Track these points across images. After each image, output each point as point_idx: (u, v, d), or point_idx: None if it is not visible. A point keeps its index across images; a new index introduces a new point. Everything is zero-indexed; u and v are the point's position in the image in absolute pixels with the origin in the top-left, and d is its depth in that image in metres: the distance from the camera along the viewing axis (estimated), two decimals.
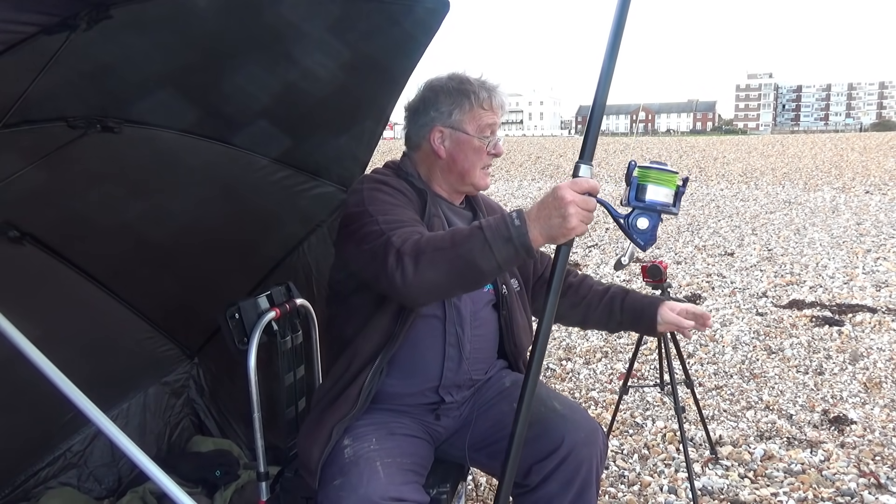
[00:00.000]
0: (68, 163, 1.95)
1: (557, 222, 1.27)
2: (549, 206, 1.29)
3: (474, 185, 1.71)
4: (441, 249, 1.35)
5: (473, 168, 1.67)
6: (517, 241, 1.30)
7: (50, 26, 1.27)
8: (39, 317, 1.72)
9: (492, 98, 1.66)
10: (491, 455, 1.66)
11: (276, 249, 2.58)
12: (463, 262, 1.33)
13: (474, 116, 1.65)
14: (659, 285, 2.63)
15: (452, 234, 1.38)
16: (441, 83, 1.68)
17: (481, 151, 1.66)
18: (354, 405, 1.55)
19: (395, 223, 1.46)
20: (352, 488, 1.40)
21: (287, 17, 1.62)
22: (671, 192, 1.37)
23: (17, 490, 2.34)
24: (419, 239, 1.38)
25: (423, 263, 1.35)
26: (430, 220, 1.62)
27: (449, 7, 1.63)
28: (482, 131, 1.66)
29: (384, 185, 1.60)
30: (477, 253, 1.32)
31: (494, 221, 1.33)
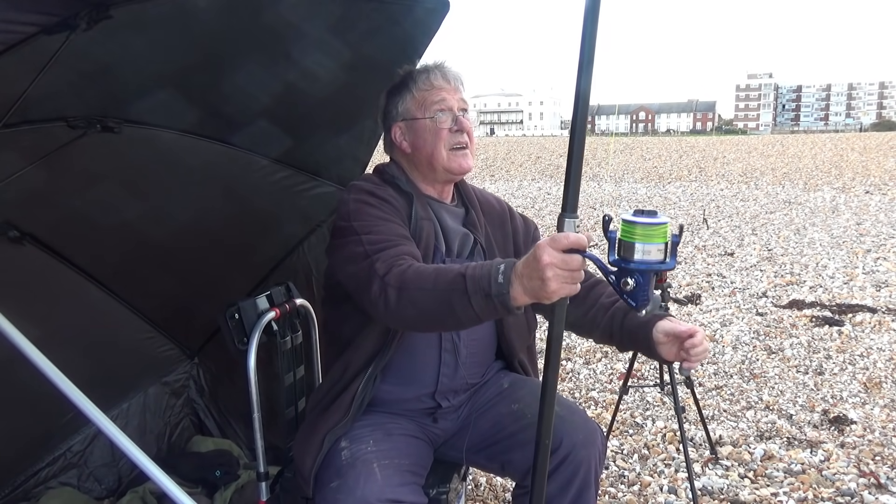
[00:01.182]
0: (68, 163, 1.95)
1: (537, 284, 1.16)
2: (531, 266, 1.17)
3: (448, 170, 1.63)
4: (423, 290, 1.32)
5: (437, 150, 1.62)
6: (497, 300, 1.22)
7: (50, 26, 1.27)
8: (39, 317, 1.72)
9: (429, 76, 1.63)
10: (490, 456, 1.66)
11: (275, 249, 2.58)
12: (442, 307, 1.29)
13: (417, 100, 1.63)
14: (659, 285, 2.63)
15: (436, 275, 1.32)
16: (388, 88, 1.69)
17: (438, 130, 1.61)
18: (347, 413, 1.55)
19: (379, 244, 1.44)
20: (348, 491, 1.39)
21: (287, 17, 1.62)
22: (662, 246, 1.17)
23: (17, 490, 2.34)
24: (404, 270, 1.36)
25: (404, 299, 1.34)
26: (419, 223, 1.59)
27: (449, 7, 1.63)
28: (431, 110, 1.62)
29: (370, 195, 1.57)
30: (456, 302, 1.27)
31: (479, 272, 1.26)
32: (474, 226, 1.71)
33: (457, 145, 1.63)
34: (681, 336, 1.44)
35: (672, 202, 12.88)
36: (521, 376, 1.78)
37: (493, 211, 1.81)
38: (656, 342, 1.48)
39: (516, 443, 1.61)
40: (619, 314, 1.58)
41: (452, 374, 1.66)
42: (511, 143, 43.82)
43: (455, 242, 1.67)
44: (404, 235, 1.52)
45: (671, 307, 2.81)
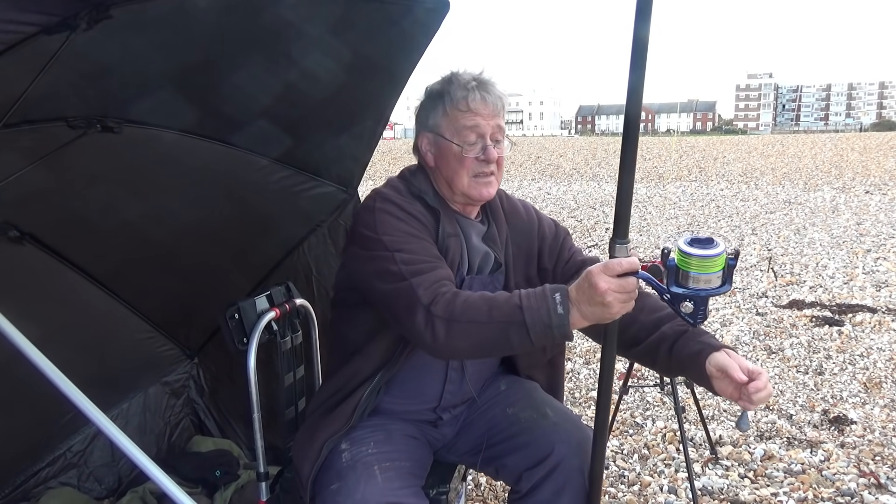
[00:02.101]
0: (68, 163, 1.95)
1: (599, 310, 1.23)
2: (586, 293, 1.23)
3: (467, 196, 1.56)
4: (476, 322, 1.31)
5: (458, 176, 1.53)
6: (557, 331, 1.26)
7: (50, 26, 1.27)
8: (39, 317, 1.72)
9: (469, 97, 1.50)
10: (485, 460, 1.66)
11: (275, 249, 2.58)
12: (497, 338, 1.30)
13: (450, 120, 1.52)
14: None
15: (489, 306, 1.31)
16: (430, 85, 1.59)
17: (463, 158, 1.52)
18: (348, 421, 1.53)
19: (414, 265, 1.40)
20: (348, 493, 1.39)
21: (287, 17, 1.62)
22: (718, 274, 1.22)
23: (17, 490, 2.34)
24: (451, 300, 1.33)
25: (455, 331, 1.32)
26: (446, 241, 1.54)
27: (449, 7, 1.63)
28: (461, 135, 1.51)
29: (399, 208, 1.50)
30: (514, 334, 1.28)
31: (536, 302, 1.27)
32: (494, 241, 1.65)
33: (481, 174, 1.54)
34: (736, 380, 1.33)
35: (672, 202, 12.88)
36: (518, 379, 1.77)
37: (520, 221, 1.73)
38: (710, 376, 1.38)
39: (510, 447, 1.60)
40: (670, 339, 1.48)
41: (456, 391, 1.66)
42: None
43: (477, 260, 1.62)
44: (438, 256, 1.48)
45: None
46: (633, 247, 8.00)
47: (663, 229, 9.49)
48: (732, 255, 1.24)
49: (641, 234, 9.05)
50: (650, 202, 12.86)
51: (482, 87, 1.52)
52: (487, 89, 1.53)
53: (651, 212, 11.44)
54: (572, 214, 11.35)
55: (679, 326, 1.49)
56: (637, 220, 10.40)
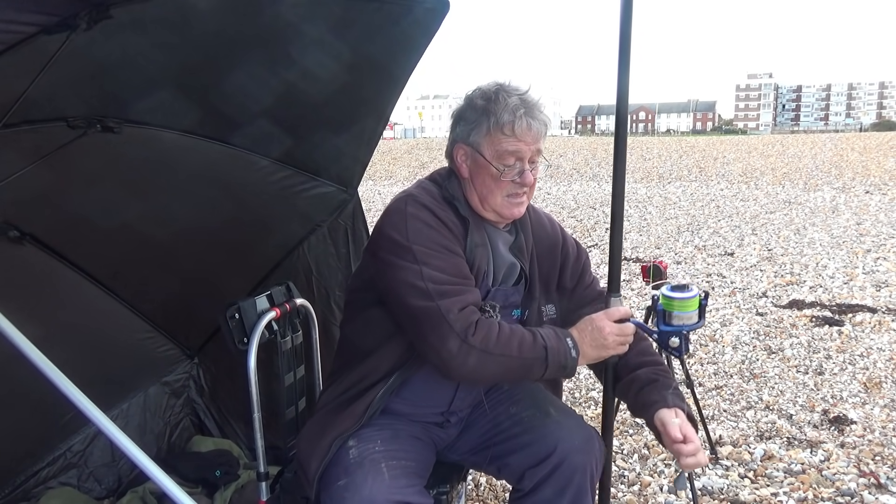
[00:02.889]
0: (68, 163, 1.95)
1: (598, 351, 1.52)
2: (590, 335, 1.50)
3: (497, 213, 1.57)
4: (507, 356, 1.44)
5: (492, 195, 1.54)
6: (569, 370, 1.50)
7: (50, 26, 1.27)
8: (39, 317, 1.72)
9: (515, 123, 1.49)
10: (488, 458, 1.66)
11: (275, 249, 2.58)
12: (521, 371, 1.48)
13: (492, 141, 1.51)
14: (659, 285, 2.62)
15: (520, 343, 1.45)
16: (473, 95, 1.56)
17: (500, 180, 1.52)
18: (359, 420, 1.53)
19: (442, 284, 1.42)
20: (355, 489, 1.39)
21: (287, 17, 1.62)
22: (694, 312, 1.55)
23: (17, 490, 2.34)
24: (488, 333, 1.43)
25: (486, 362, 1.43)
26: (474, 251, 1.54)
27: (449, 7, 1.63)
28: (501, 158, 1.51)
29: (432, 215, 1.49)
30: (536, 368, 1.47)
31: (558, 345, 1.47)
32: (521, 251, 1.65)
33: (514, 195, 1.55)
34: (671, 437, 1.49)
35: (672, 202, 12.88)
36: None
37: (545, 235, 1.73)
38: (656, 427, 1.55)
39: (513, 446, 1.61)
40: (640, 383, 1.61)
41: (467, 396, 1.67)
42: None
43: (502, 270, 1.62)
44: (465, 276, 1.49)
45: None
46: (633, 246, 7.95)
47: (663, 229, 9.49)
48: (704, 296, 1.57)
49: (641, 234, 9.05)
50: (650, 202, 12.86)
51: (529, 114, 1.51)
52: (534, 115, 1.51)
53: (651, 212, 11.44)
54: (572, 214, 11.35)
55: (652, 374, 1.61)
56: (637, 220, 10.40)
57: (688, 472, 1.60)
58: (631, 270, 6.78)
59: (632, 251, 7.85)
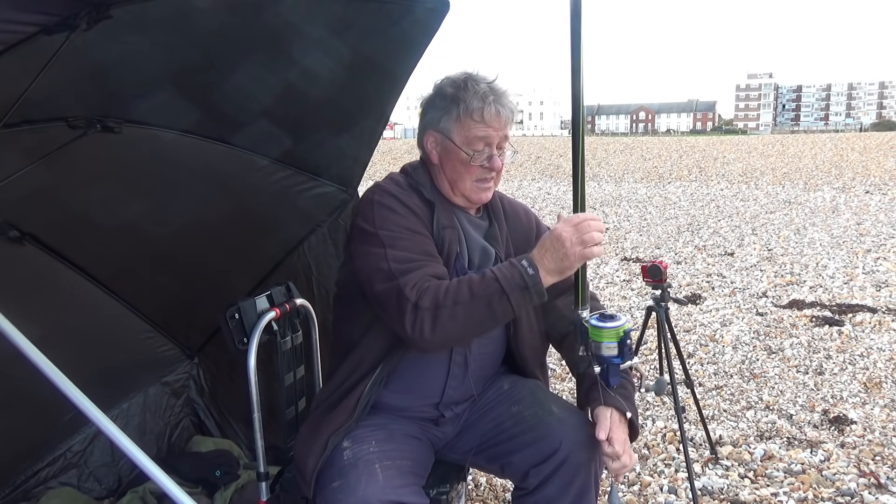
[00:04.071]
0: (68, 163, 1.95)
1: (560, 260, 1.39)
2: (548, 245, 1.40)
3: (467, 198, 1.63)
4: (460, 303, 1.38)
5: (462, 180, 1.60)
6: (533, 290, 1.39)
7: (50, 26, 1.27)
8: (39, 317, 1.72)
9: (484, 110, 1.54)
10: (490, 458, 1.66)
11: (275, 249, 2.58)
12: (481, 312, 1.39)
13: (462, 127, 1.56)
14: (659, 285, 2.63)
15: (469, 285, 1.40)
16: (443, 84, 1.61)
17: (470, 165, 1.57)
18: (351, 415, 1.54)
19: (405, 263, 1.44)
20: (349, 491, 1.39)
21: (287, 17, 1.62)
22: (613, 344, 1.44)
23: (17, 490, 2.34)
24: (436, 291, 1.40)
25: (442, 318, 1.39)
26: (441, 232, 1.57)
27: (449, 7, 1.63)
28: (471, 144, 1.56)
29: (397, 201, 1.53)
30: (496, 303, 1.38)
31: (509, 271, 1.39)
32: (496, 239, 1.68)
33: (482, 180, 1.61)
34: (596, 434, 1.48)
35: (672, 202, 12.88)
36: (521, 378, 1.77)
37: (519, 223, 1.78)
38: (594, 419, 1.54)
39: (516, 445, 1.60)
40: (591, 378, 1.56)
41: (458, 387, 1.66)
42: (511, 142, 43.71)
43: (476, 255, 1.64)
44: (429, 253, 1.50)
45: (671, 307, 2.80)
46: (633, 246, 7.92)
47: (663, 229, 9.49)
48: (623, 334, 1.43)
49: (641, 234, 9.05)
50: (650, 202, 12.87)
51: (498, 100, 1.56)
52: (502, 102, 1.57)
53: (651, 212, 11.44)
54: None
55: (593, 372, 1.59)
56: (637, 220, 10.40)
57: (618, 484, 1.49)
58: (631, 270, 6.78)
59: (632, 251, 7.85)
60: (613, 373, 1.45)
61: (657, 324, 2.65)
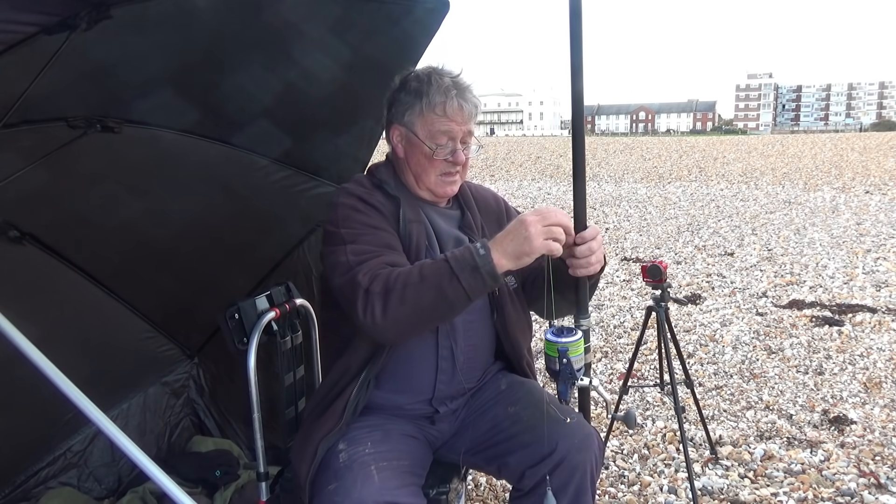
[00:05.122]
0: (68, 163, 1.95)
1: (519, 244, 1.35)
2: (511, 229, 1.37)
3: (432, 192, 1.64)
4: (409, 285, 1.36)
5: (426, 174, 1.60)
6: (483, 270, 1.34)
7: (50, 26, 1.27)
8: (39, 317, 1.72)
9: (447, 104, 1.55)
10: (487, 459, 1.65)
11: (275, 249, 2.58)
12: (432, 294, 1.35)
13: (425, 121, 1.57)
14: (659, 285, 2.63)
15: (420, 268, 1.38)
16: (408, 79, 1.62)
17: (433, 159, 1.58)
18: (339, 420, 1.53)
19: (363, 254, 1.44)
20: (345, 493, 1.39)
21: (287, 17, 1.62)
22: (554, 358, 1.47)
23: (17, 490, 2.34)
24: (388, 275, 1.38)
25: (392, 301, 1.36)
26: (408, 227, 1.57)
27: (449, 7, 1.63)
28: (434, 138, 1.57)
29: (360, 200, 1.55)
30: (446, 285, 1.34)
31: (460, 252, 1.37)
32: (471, 228, 1.69)
33: (447, 173, 1.62)
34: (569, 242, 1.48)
35: (672, 202, 12.88)
36: (518, 378, 1.77)
37: (490, 209, 1.79)
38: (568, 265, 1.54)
39: (513, 446, 1.60)
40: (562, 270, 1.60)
41: (449, 381, 1.65)
42: (511, 143, 43.81)
43: (448, 246, 1.64)
44: (389, 245, 1.51)
45: (671, 307, 2.81)
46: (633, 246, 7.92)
47: (663, 229, 9.49)
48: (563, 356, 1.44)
49: (641, 234, 9.05)
50: (650, 202, 12.86)
51: (460, 95, 1.57)
52: (465, 97, 1.58)
53: (651, 212, 11.44)
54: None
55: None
56: (637, 221, 10.40)
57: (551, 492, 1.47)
58: (631, 270, 6.78)
59: (632, 251, 7.85)
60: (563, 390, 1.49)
61: (657, 324, 2.65)
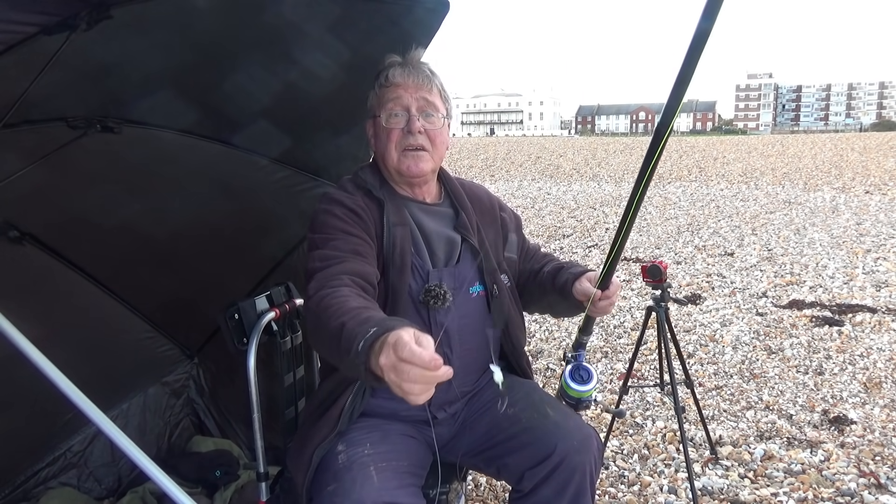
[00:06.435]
0: (68, 163, 1.95)
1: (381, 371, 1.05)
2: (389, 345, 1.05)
3: (398, 172, 1.60)
4: (323, 328, 1.23)
5: (387, 151, 1.59)
6: (356, 367, 1.10)
7: (50, 26, 1.27)
8: (39, 317, 1.72)
9: (390, 72, 1.57)
10: (486, 460, 1.65)
11: (275, 249, 2.58)
12: (331, 342, 1.20)
13: (378, 98, 1.60)
14: (659, 285, 2.63)
15: (337, 314, 1.21)
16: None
17: (389, 131, 1.58)
18: (335, 427, 1.52)
19: (327, 259, 1.42)
20: (345, 494, 1.38)
21: (287, 16, 1.62)
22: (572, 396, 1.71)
23: (17, 490, 2.34)
24: (325, 296, 1.28)
25: (312, 324, 1.32)
26: (392, 230, 1.55)
27: (449, 7, 1.63)
28: (386, 108, 1.58)
29: (339, 205, 1.54)
30: (334, 344, 1.18)
31: (355, 327, 1.14)
32: (466, 229, 1.66)
33: (408, 147, 1.58)
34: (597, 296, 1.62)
35: (672, 202, 12.88)
36: (518, 378, 1.76)
37: (485, 208, 1.77)
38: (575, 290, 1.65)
39: (512, 447, 1.59)
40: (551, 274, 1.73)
41: (445, 388, 1.60)
42: (511, 143, 43.81)
43: (440, 248, 1.62)
44: (357, 251, 1.46)
45: (671, 307, 2.81)
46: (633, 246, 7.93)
47: (663, 229, 9.49)
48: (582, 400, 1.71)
49: (641, 235, 9.05)
50: (650, 202, 12.86)
51: (406, 63, 1.59)
52: (411, 64, 1.59)
53: (651, 212, 11.44)
54: (572, 214, 11.36)
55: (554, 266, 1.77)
56: (637, 221, 10.38)
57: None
58: (631, 270, 6.78)
59: (632, 251, 7.85)
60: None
61: (657, 324, 2.65)
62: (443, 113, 1.62)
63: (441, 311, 1.57)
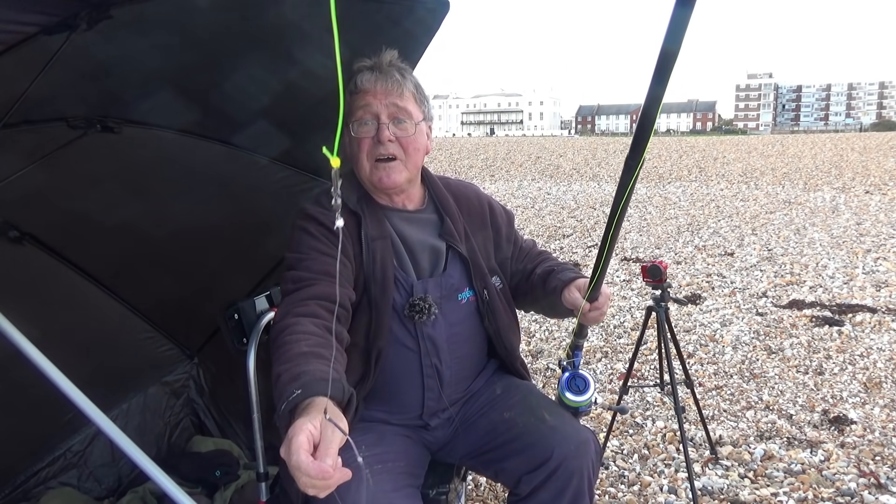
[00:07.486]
0: (68, 163, 1.95)
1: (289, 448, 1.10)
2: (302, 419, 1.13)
3: (371, 183, 1.54)
4: (275, 356, 1.26)
5: (359, 163, 1.52)
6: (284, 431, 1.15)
7: (50, 26, 1.27)
8: (39, 317, 1.72)
9: (359, 77, 1.50)
10: (484, 464, 1.64)
11: (275, 249, 2.57)
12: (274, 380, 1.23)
13: (349, 105, 1.53)
14: (659, 285, 2.63)
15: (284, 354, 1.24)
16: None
17: (359, 140, 1.51)
18: None
19: (297, 282, 1.40)
20: (340, 498, 1.38)
21: (287, 16, 1.62)
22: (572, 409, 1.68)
23: (17, 490, 2.34)
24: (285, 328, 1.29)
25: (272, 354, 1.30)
26: (371, 245, 1.51)
27: (449, 7, 1.63)
28: (355, 116, 1.51)
29: (314, 222, 1.49)
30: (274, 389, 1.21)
31: (286, 385, 1.17)
32: (452, 236, 1.62)
33: (379, 157, 1.51)
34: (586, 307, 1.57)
35: (672, 202, 12.88)
36: (514, 381, 1.75)
37: (473, 209, 1.72)
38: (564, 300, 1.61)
39: (509, 451, 1.58)
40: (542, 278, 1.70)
41: (438, 398, 1.62)
42: (511, 143, 43.81)
43: (424, 257, 1.59)
44: (328, 272, 1.41)
45: (671, 307, 2.81)
46: (633, 246, 7.91)
47: (663, 229, 9.49)
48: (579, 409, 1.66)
49: (641, 234, 9.05)
50: (650, 202, 12.86)
51: (375, 68, 1.52)
52: (380, 69, 1.52)
53: (651, 212, 11.44)
54: (572, 214, 11.35)
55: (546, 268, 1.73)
56: (637, 221, 10.40)
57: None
58: (631, 270, 6.78)
59: (632, 251, 7.85)
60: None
61: (657, 324, 2.65)
62: (417, 118, 1.55)
63: (427, 323, 1.55)
